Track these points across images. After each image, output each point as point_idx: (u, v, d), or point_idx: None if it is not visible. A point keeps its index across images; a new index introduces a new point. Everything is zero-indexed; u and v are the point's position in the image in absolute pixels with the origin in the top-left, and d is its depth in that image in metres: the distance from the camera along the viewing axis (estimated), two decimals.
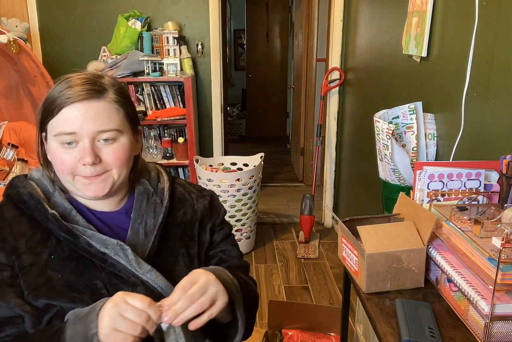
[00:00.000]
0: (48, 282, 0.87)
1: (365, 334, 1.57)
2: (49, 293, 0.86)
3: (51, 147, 0.91)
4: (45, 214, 0.90)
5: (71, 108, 0.88)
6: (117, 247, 0.90)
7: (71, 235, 0.89)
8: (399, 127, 1.68)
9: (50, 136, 0.91)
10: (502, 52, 1.31)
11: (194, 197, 1.09)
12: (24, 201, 0.92)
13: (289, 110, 6.19)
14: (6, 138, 3.08)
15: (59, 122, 0.88)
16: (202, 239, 1.06)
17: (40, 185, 0.95)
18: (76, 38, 3.27)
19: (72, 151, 0.89)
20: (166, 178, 1.08)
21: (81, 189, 0.92)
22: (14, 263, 0.87)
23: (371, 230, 1.16)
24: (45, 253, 0.89)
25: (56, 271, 0.87)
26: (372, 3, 2.58)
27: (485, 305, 0.92)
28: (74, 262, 0.89)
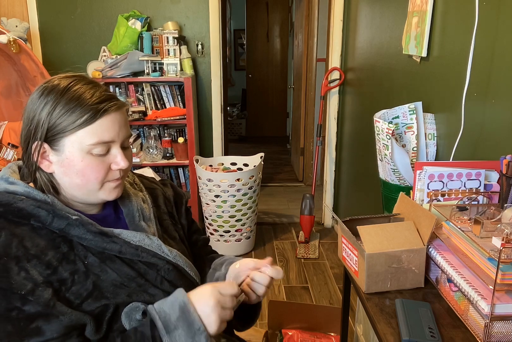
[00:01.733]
0: (96, 286, 0.86)
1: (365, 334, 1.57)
2: (105, 294, 0.86)
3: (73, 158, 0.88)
4: (65, 221, 0.87)
5: (110, 117, 0.89)
6: (147, 239, 0.95)
7: (103, 236, 0.89)
8: (399, 127, 1.68)
9: (78, 146, 0.88)
10: (502, 52, 1.31)
11: (160, 186, 1.16)
12: (34, 215, 0.86)
13: (289, 110, 6.19)
14: (6, 138, 3.08)
15: (97, 132, 0.88)
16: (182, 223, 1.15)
17: (31, 197, 0.89)
18: (76, 38, 3.27)
19: (104, 159, 0.90)
20: (130, 172, 1.12)
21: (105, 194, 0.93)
22: (52, 278, 0.84)
23: (371, 230, 1.16)
24: (79, 260, 0.88)
25: (96, 274, 0.88)
26: (372, 3, 2.58)
27: (485, 305, 0.92)
28: (107, 262, 0.90)
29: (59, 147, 0.89)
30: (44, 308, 0.80)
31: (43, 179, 0.92)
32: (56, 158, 0.90)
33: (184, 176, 3.53)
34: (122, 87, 3.19)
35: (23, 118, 0.91)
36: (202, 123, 3.51)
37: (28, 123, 0.89)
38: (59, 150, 0.89)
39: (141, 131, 3.34)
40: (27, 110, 0.90)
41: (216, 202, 2.90)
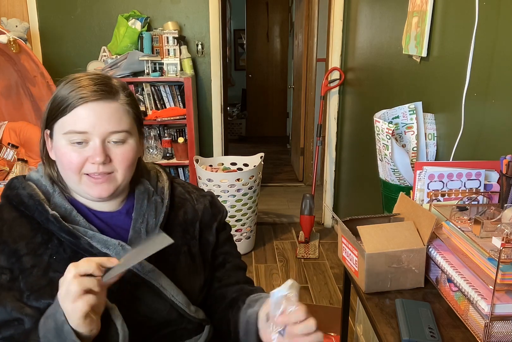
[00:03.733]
0: (51, 283, 0.86)
1: (365, 334, 1.57)
2: (53, 293, 0.84)
3: (58, 146, 0.91)
4: (45, 215, 0.90)
5: (85, 107, 0.88)
6: (118, 247, 0.91)
7: (72, 236, 0.89)
8: (399, 127, 1.68)
9: (59, 134, 0.90)
10: (502, 52, 1.31)
11: (195, 197, 1.09)
12: (24, 202, 0.91)
13: (289, 110, 6.19)
14: (6, 138, 3.08)
15: (71, 121, 0.89)
16: (206, 239, 1.07)
17: (39, 185, 0.95)
18: (76, 38, 3.27)
19: (81, 150, 0.90)
20: (166, 178, 1.08)
21: (86, 189, 0.92)
22: (14, 266, 0.86)
23: (371, 230, 1.16)
24: (47, 255, 0.89)
25: (58, 272, 0.87)
26: (372, 3, 2.58)
27: (485, 305, 0.92)
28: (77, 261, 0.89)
29: (53, 134, 0.93)
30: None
31: (51, 167, 0.96)
32: (52, 145, 0.94)
33: (184, 176, 3.53)
34: None
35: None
36: (202, 123, 3.51)
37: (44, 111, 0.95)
38: (53, 138, 0.93)
39: None
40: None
41: None
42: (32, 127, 3.09)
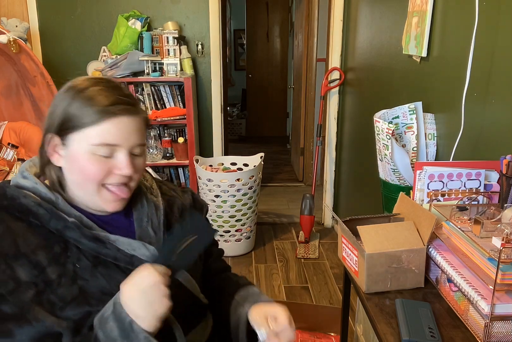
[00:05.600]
0: (82, 291, 0.85)
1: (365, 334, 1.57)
2: (90, 301, 0.85)
3: (77, 155, 0.89)
4: (63, 223, 0.87)
5: (115, 121, 0.88)
6: (143, 248, 0.93)
7: (97, 242, 0.88)
8: (399, 127, 1.68)
9: (82, 144, 0.88)
10: (502, 52, 1.31)
11: (179, 193, 1.13)
12: (32, 212, 0.87)
13: (289, 110, 6.19)
14: (6, 138, 3.08)
15: (100, 133, 0.88)
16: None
17: (38, 194, 0.90)
18: (76, 38, 3.27)
19: (106, 162, 0.89)
20: (149, 177, 1.11)
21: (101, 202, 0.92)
22: (38, 279, 0.83)
23: (371, 230, 1.16)
24: (69, 263, 0.86)
25: (85, 279, 0.86)
26: (372, 3, 2.58)
27: (485, 305, 0.92)
28: (100, 268, 0.88)
29: (67, 142, 0.90)
30: (19, 311, 0.79)
31: (51, 173, 0.93)
32: (64, 153, 0.91)
33: (184, 176, 3.53)
34: None
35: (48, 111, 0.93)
36: (202, 123, 3.51)
37: (48, 116, 0.92)
38: (66, 145, 0.90)
39: None
40: (51, 104, 0.92)
41: (216, 202, 2.90)
42: (32, 127, 3.09)
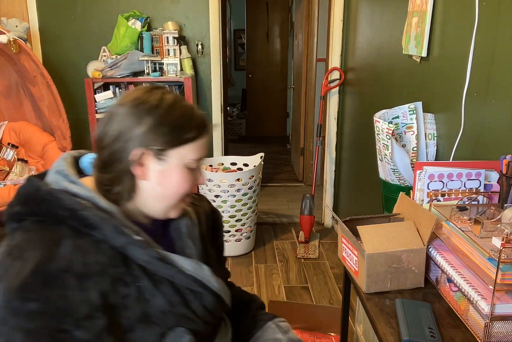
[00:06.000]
0: (145, 312, 0.83)
1: (365, 334, 1.57)
2: (154, 320, 0.83)
3: (171, 169, 0.88)
4: (126, 239, 0.83)
5: (206, 136, 0.92)
6: (198, 268, 0.92)
7: (159, 260, 0.86)
8: (399, 127, 1.68)
9: (181, 160, 0.88)
10: (502, 52, 1.31)
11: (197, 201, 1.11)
12: (98, 227, 0.82)
13: (289, 110, 6.19)
14: (6, 138, 3.08)
15: (199, 148, 0.90)
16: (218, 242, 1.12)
17: (96, 204, 0.84)
18: (76, 38, 3.27)
19: (193, 175, 0.92)
20: None
21: (172, 211, 0.93)
22: (108, 301, 0.79)
23: (371, 230, 1.16)
24: (132, 283, 0.83)
25: (147, 299, 0.84)
26: (372, 3, 2.58)
27: (485, 305, 0.92)
28: (159, 286, 0.86)
29: (164, 157, 0.87)
30: (94, 338, 0.76)
31: (125, 184, 0.87)
32: (158, 167, 0.87)
33: None
34: (122, 87, 3.19)
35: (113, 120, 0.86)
36: None
37: (131, 127, 0.85)
38: (163, 160, 0.87)
39: None
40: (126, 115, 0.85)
41: (216, 202, 2.90)
42: (32, 127, 3.09)
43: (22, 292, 0.74)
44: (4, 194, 2.60)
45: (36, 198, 0.84)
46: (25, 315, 0.73)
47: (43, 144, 3.03)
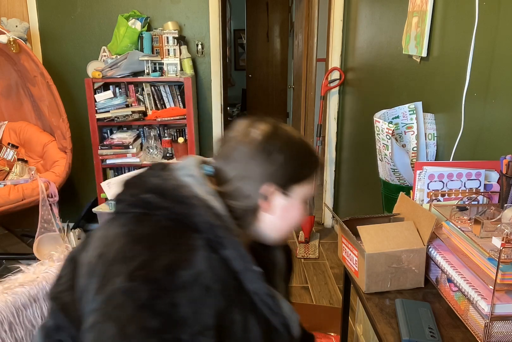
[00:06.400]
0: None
1: (365, 334, 1.57)
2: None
3: (295, 204, 0.91)
4: (248, 268, 0.82)
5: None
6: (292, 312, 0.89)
7: (272, 299, 0.84)
8: (399, 127, 1.68)
9: (302, 195, 0.91)
10: (502, 52, 1.31)
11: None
12: (227, 247, 0.81)
13: (289, 110, 6.19)
14: (6, 138, 3.08)
15: (314, 183, 0.93)
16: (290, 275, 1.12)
17: (228, 225, 0.83)
18: (76, 38, 3.27)
19: (305, 207, 0.95)
20: None
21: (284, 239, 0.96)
22: (219, 322, 0.76)
23: (371, 230, 1.16)
24: (242, 310, 0.81)
25: (250, 331, 0.81)
26: (372, 3, 2.58)
27: (485, 305, 0.92)
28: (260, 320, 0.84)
29: (290, 193, 0.90)
30: None
31: (248, 215, 0.89)
32: (283, 202, 0.90)
33: None
34: (122, 87, 3.19)
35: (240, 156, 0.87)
36: (202, 123, 3.51)
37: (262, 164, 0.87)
38: (288, 195, 0.90)
39: (141, 131, 3.34)
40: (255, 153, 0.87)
41: None
42: (32, 127, 3.09)
43: (150, 285, 0.72)
44: (4, 194, 2.60)
45: (178, 196, 0.83)
46: (149, 311, 0.71)
47: (43, 144, 3.03)
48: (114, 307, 0.72)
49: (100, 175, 3.12)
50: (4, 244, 3.15)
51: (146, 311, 0.71)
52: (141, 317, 0.70)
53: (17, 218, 3.18)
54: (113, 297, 0.72)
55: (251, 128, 0.90)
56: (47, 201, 2.68)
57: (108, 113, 3.03)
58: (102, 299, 0.73)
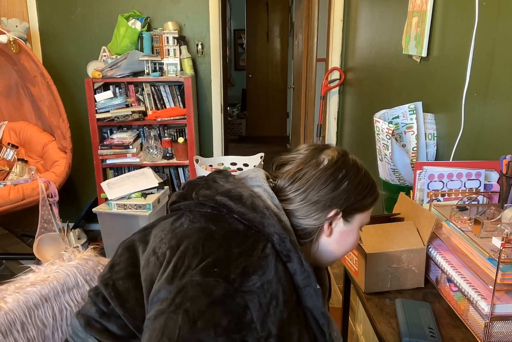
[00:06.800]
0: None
1: (365, 334, 1.57)
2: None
3: (353, 231, 0.94)
4: (310, 284, 0.83)
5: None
6: (338, 333, 0.91)
7: (326, 318, 0.85)
8: (399, 127, 1.68)
9: (359, 223, 0.94)
10: (502, 52, 1.31)
11: None
12: (292, 261, 0.82)
13: (289, 110, 6.20)
14: (6, 138, 3.08)
15: (371, 212, 0.96)
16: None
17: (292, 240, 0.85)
18: (76, 38, 3.27)
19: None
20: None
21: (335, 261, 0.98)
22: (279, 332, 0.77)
23: (371, 230, 1.16)
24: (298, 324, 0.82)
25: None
26: (372, 3, 2.58)
27: (485, 305, 0.92)
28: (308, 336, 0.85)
29: (350, 219, 0.92)
30: None
31: (311, 237, 0.91)
32: (343, 228, 0.92)
33: (184, 176, 3.52)
34: (122, 87, 3.19)
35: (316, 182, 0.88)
36: (202, 123, 3.51)
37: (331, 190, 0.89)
38: (349, 221, 0.92)
39: (141, 131, 3.34)
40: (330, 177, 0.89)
41: None
42: (32, 127, 3.09)
43: (225, 283, 0.74)
44: (4, 194, 2.60)
45: (253, 204, 0.84)
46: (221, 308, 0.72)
47: (43, 144, 3.03)
48: (186, 299, 0.72)
49: (100, 175, 3.12)
50: (4, 244, 3.15)
51: (219, 308, 0.72)
52: (213, 313, 0.72)
53: (17, 218, 3.18)
54: (186, 289, 0.73)
55: (319, 153, 0.92)
56: (47, 201, 2.68)
57: (108, 113, 3.04)
58: (173, 289, 0.74)
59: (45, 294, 1.01)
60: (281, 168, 0.94)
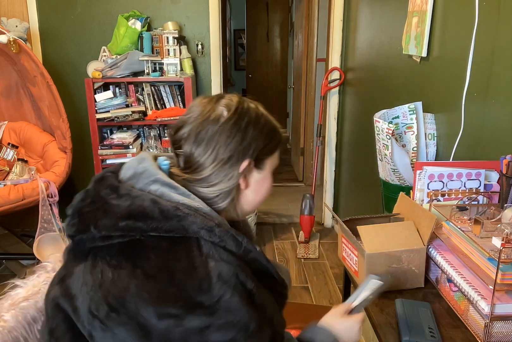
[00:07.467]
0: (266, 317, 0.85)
1: (365, 334, 1.57)
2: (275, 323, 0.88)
3: (267, 176, 0.93)
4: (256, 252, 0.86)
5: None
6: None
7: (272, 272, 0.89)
8: (399, 127, 1.68)
9: (271, 166, 0.93)
10: (502, 52, 1.31)
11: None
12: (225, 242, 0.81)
13: (289, 110, 6.19)
14: (6, 138, 3.08)
15: (278, 154, 0.94)
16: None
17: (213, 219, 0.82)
18: (76, 38, 3.27)
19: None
20: None
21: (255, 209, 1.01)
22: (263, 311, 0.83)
23: (371, 230, 1.16)
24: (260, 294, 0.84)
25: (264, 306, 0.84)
26: (372, 3, 2.58)
27: (485, 305, 0.92)
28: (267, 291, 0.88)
29: (262, 166, 0.91)
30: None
31: (231, 197, 0.89)
32: (257, 176, 0.91)
33: None
34: (122, 87, 3.19)
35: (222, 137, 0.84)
36: None
37: (238, 141, 0.85)
38: (262, 168, 0.91)
39: (141, 131, 3.34)
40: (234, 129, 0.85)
41: None
42: (32, 127, 3.09)
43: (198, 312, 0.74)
44: (4, 194, 2.60)
45: (162, 212, 0.78)
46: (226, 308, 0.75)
47: (43, 144, 3.03)
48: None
49: None
50: (4, 244, 3.15)
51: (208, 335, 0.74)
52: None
53: (17, 218, 3.18)
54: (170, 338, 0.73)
55: (215, 105, 0.87)
56: (47, 201, 2.68)
57: (108, 113, 3.03)
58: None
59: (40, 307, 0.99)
60: (180, 131, 0.86)
